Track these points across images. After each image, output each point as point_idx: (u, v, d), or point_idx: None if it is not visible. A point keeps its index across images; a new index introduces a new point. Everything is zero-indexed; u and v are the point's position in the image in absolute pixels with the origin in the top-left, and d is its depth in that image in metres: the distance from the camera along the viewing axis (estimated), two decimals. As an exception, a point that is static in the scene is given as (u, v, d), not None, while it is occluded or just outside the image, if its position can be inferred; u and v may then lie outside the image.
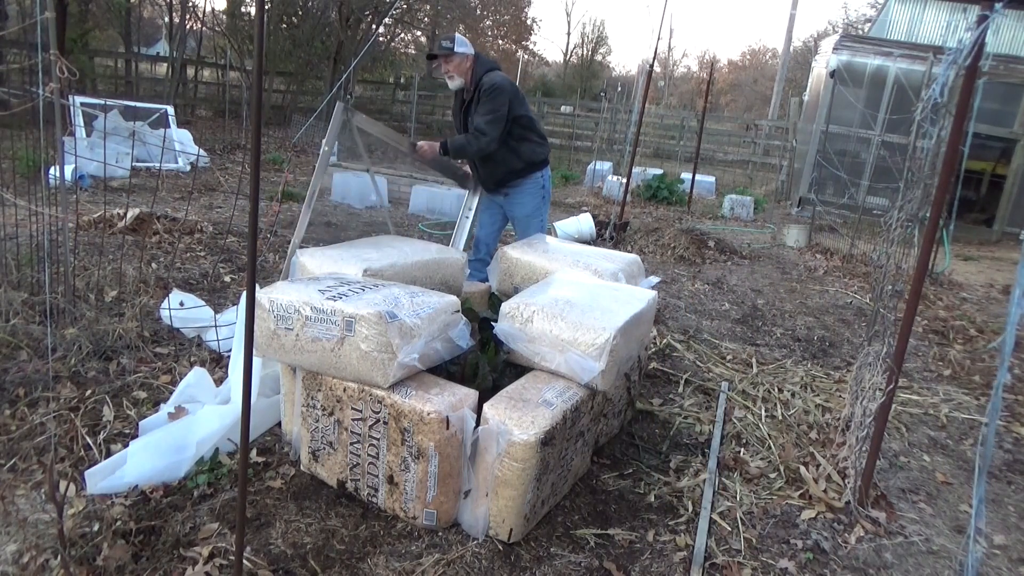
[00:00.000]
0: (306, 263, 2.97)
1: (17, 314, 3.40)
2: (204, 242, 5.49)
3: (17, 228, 3.85)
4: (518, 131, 3.97)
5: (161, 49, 25.01)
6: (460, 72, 3.83)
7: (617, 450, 3.04)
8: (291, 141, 13.21)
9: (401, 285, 2.66)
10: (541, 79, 37.37)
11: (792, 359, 4.43)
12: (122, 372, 3.15)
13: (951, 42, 2.46)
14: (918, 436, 3.54)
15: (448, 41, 3.80)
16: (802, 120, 13.36)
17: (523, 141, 4.01)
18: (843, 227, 8.96)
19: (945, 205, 2.50)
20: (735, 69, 43.25)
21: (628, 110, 13.83)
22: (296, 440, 2.64)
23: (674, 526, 2.54)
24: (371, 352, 2.23)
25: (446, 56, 3.79)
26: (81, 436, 2.62)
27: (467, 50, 3.81)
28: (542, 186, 4.18)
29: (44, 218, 3.54)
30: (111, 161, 7.10)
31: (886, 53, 10.67)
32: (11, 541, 2.05)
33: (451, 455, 2.27)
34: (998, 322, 5.75)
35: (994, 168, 11.05)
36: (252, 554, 2.13)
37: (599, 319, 2.54)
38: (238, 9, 17.38)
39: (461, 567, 2.19)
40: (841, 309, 5.83)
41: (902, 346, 2.59)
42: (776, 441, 3.23)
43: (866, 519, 2.67)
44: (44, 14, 3.21)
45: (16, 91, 5.11)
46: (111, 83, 15.94)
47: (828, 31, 29.58)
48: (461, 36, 3.84)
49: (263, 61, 1.56)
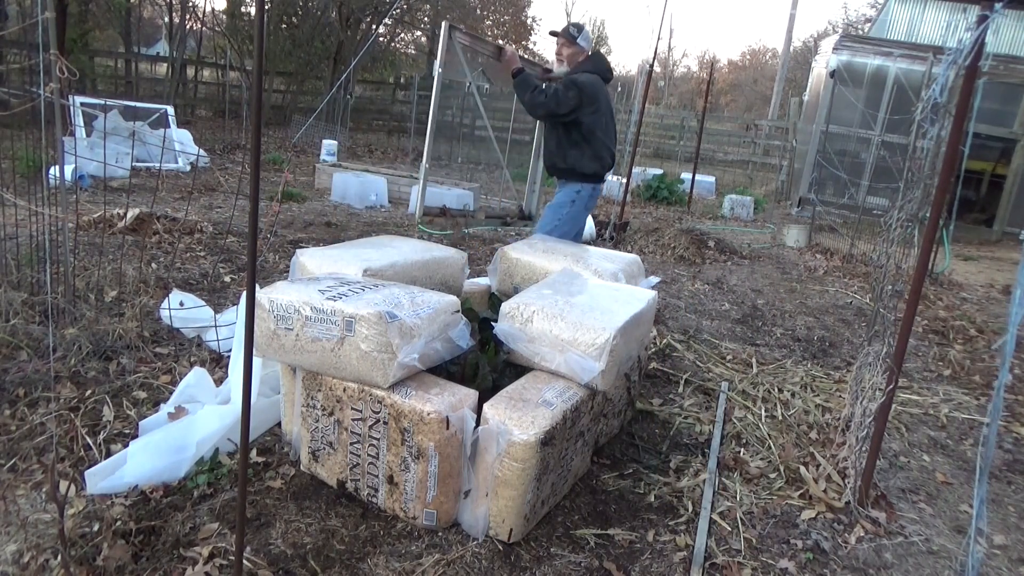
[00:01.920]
0: (306, 263, 2.97)
1: (17, 314, 3.40)
2: (204, 242, 5.49)
3: (17, 228, 3.85)
4: (576, 135, 3.99)
5: (161, 49, 25.00)
6: (570, 61, 3.89)
7: (617, 450, 3.04)
8: (291, 141, 13.21)
9: (401, 285, 2.66)
10: (541, 79, 37.24)
11: (792, 359, 4.43)
12: (122, 372, 3.15)
13: (951, 42, 2.46)
14: (918, 436, 3.54)
15: (575, 28, 3.89)
16: (802, 120, 13.37)
17: (575, 147, 4.02)
18: (843, 227, 8.97)
19: (945, 205, 2.50)
20: (735, 69, 43.24)
21: (628, 110, 13.83)
22: (296, 440, 2.64)
23: (674, 526, 2.54)
24: (371, 352, 2.23)
25: (566, 40, 3.85)
26: (81, 436, 2.62)
27: (586, 45, 3.86)
28: (572, 201, 4.15)
29: (44, 218, 3.54)
30: (111, 161, 7.10)
31: (886, 53, 10.67)
32: (11, 541, 2.05)
33: (451, 455, 2.27)
34: (998, 322, 5.75)
35: (994, 168, 11.06)
36: (252, 554, 2.13)
37: (599, 319, 2.54)
38: (238, 9, 17.37)
39: (461, 567, 2.19)
40: (841, 309, 5.83)
41: (902, 346, 2.59)
42: (776, 441, 3.23)
43: (866, 519, 2.67)
44: (44, 14, 3.21)
45: (16, 91, 5.11)
46: (111, 83, 15.94)
47: (828, 31, 29.57)
48: (589, 31, 3.90)
49: (263, 61, 1.56)
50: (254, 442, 2.75)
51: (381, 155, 13.64)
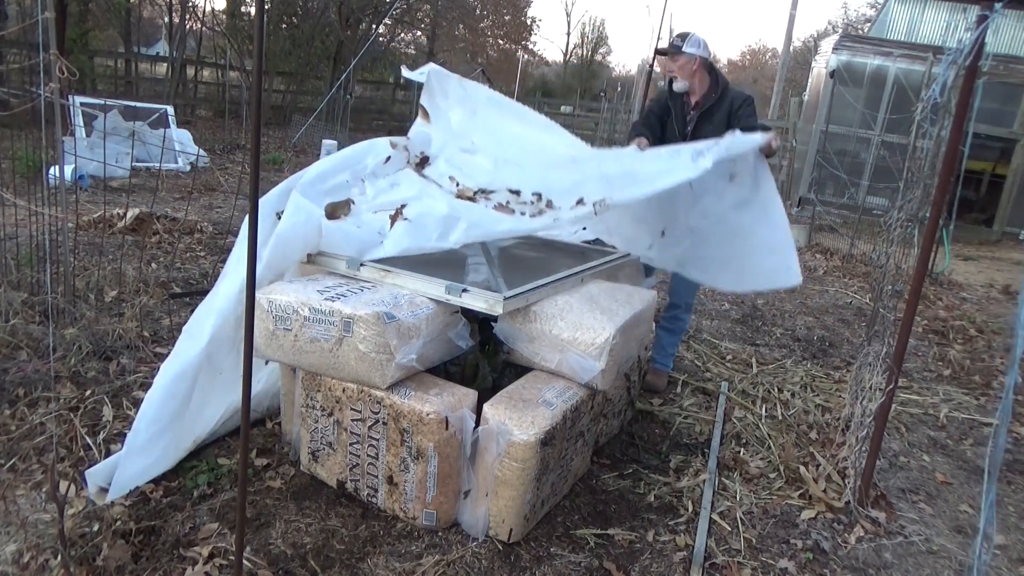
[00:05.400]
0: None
1: (17, 314, 3.40)
2: (204, 242, 5.49)
3: (17, 228, 3.85)
4: None
5: (161, 49, 24.99)
6: (685, 74, 3.53)
7: (617, 450, 3.04)
8: (291, 141, 13.20)
9: (399, 285, 2.65)
10: (541, 79, 37.37)
11: (792, 359, 4.43)
12: (122, 372, 3.15)
13: (951, 42, 2.46)
14: (918, 436, 3.54)
15: (679, 39, 3.54)
16: (802, 120, 13.36)
17: None
18: (843, 227, 8.96)
19: (945, 205, 2.50)
20: (735, 69, 43.23)
21: (628, 110, 13.83)
22: (296, 440, 2.64)
23: (674, 526, 2.54)
24: (369, 353, 2.23)
25: (673, 55, 3.52)
26: (81, 436, 2.62)
27: (696, 51, 3.50)
28: None
29: (44, 218, 3.54)
30: (111, 161, 7.10)
31: (886, 53, 10.67)
32: (11, 541, 2.05)
33: (450, 455, 2.27)
34: (998, 322, 5.75)
35: (994, 168, 11.06)
36: (252, 554, 2.13)
37: (599, 319, 2.54)
38: (238, 9, 17.36)
39: (461, 567, 2.19)
40: (841, 309, 5.83)
41: (902, 346, 2.59)
42: (776, 441, 3.23)
43: (866, 519, 2.67)
44: (44, 14, 3.21)
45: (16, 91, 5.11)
46: (111, 83, 15.92)
47: (828, 31, 29.57)
48: (698, 37, 3.54)
49: (263, 61, 1.56)
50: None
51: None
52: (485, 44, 34.12)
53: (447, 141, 3.10)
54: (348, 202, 2.78)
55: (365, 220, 2.73)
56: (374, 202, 2.83)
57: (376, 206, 2.81)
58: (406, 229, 2.67)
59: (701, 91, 3.55)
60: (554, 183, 2.78)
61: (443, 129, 3.17)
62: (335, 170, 2.89)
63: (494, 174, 2.87)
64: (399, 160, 3.09)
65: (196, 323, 2.53)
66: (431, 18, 23.92)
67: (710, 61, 3.60)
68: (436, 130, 3.20)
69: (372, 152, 3.04)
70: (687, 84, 3.54)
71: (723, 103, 3.52)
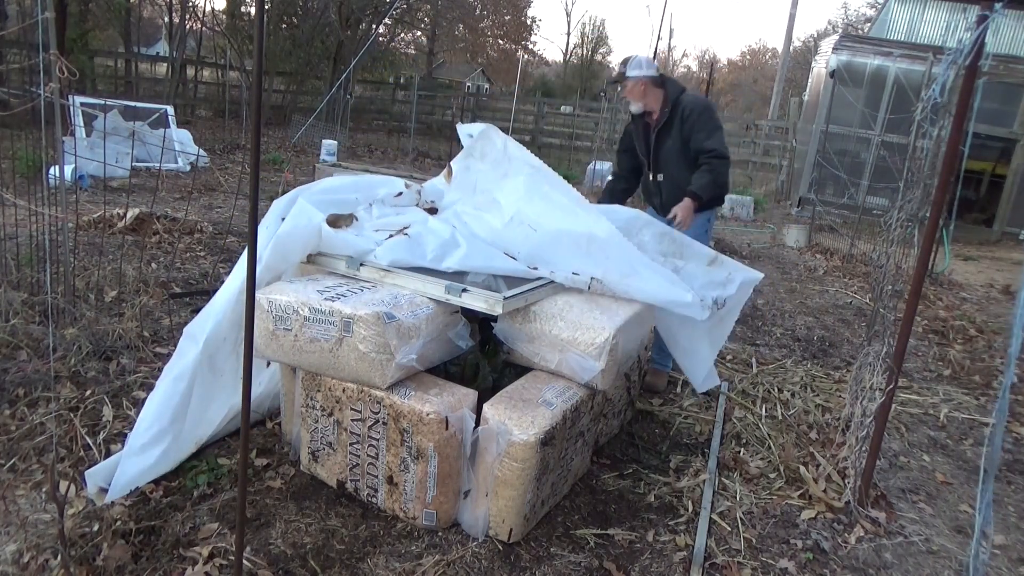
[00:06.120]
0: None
1: (17, 314, 3.40)
2: (204, 242, 5.49)
3: (17, 228, 3.85)
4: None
5: (161, 49, 25.02)
6: (635, 96, 3.58)
7: (617, 450, 3.05)
8: (291, 141, 13.20)
9: (400, 285, 2.65)
10: (541, 79, 37.39)
11: (792, 359, 4.43)
12: (122, 372, 3.15)
13: (951, 42, 2.46)
14: (918, 436, 3.54)
15: (623, 65, 3.60)
16: (802, 120, 13.37)
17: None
18: (843, 227, 8.97)
19: (945, 205, 2.50)
20: (735, 69, 43.27)
21: (628, 111, 13.81)
22: (296, 440, 2.64)
23: (674, 526, 2.55)
24: (369, 353, 2.23)
25: (620, 81, 3.58)
26: (81, 436, 2.62)
27: (640, 72, 3.54)
28: (706, 230, 3.77)
29: (44, 218, 3.54)
30: (111, 161, 7.10)
31: (886, 53, 10.67)
32: (11, 541, 2.05)
33: (450, 455, 2.27)
34: (998, 322, 5.75)
35: (994, 168, 11.06)
36: (252, 554, 2.13)
37: (599, 318, 2.54)
38: (238, 9, 17.37)
39: (461, 567, 2.19)
40: (841, 309, 5.83)
41: (902, 346, 2.59)
42: (776, 441, 3.23)
43: (866, 519, 2.67)
44: (44, 14, 3.21)
45: (16, 91, 5.11)
46: (111, 83, 15.93)
47: (828, 31, 29.59)
48: (640, 57, 3.59)
49: (263, 61, 1.56)
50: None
51: (381, 155, 13.63)
52: (485, 44, 34.16)
53: (462, 199, 3.17)
54: (351, 216, 2.82)
55: (366, 234, 2.76)
56: (378, 221, 2.88)
57: (379, 225, 2.85)
58: (401, 242, 2.69)
59: (656, 108, 3.60)
60: (559, 256, 2.85)
61: (462, 189, 3.22)
62: (346, 189, 2.96)
63: (500, 233, 2.93)
64: (410, 198, 3.18)
65: (198, 324, 2.54)
66: (431, 18, 23.95)
67: (659, 77, 3.62)
68: (453, 190, 3.26)
69: (386, 185, 3.13)
70: (641, 105, 3.61)
71: (675, 115, 3.55)
